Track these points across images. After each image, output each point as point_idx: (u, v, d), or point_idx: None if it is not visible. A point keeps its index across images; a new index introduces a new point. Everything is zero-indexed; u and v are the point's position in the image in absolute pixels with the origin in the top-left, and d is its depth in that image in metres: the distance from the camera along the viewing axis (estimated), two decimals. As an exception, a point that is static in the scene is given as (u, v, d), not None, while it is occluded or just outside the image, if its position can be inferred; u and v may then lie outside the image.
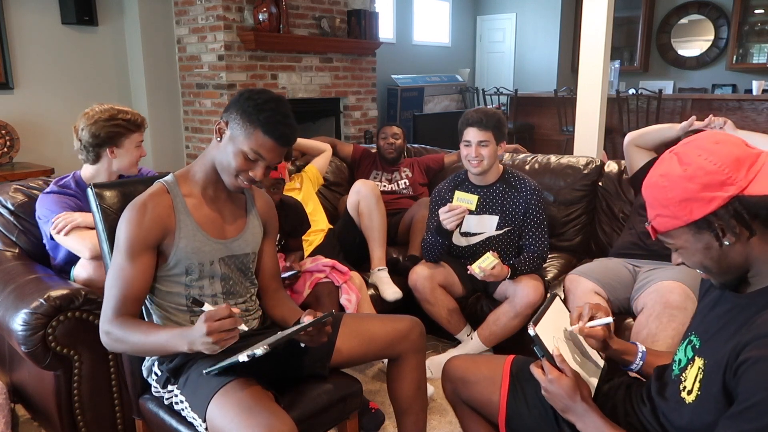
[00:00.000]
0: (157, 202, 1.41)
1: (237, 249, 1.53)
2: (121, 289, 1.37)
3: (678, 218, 1.01)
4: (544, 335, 1.21)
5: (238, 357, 1.23)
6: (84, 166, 2.06)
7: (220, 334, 1.22)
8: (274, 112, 1.36)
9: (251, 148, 1.37)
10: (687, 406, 1.06)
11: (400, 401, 1.69)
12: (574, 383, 1.16)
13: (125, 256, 1.38)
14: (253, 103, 1.37)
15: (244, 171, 1.41)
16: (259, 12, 4.45)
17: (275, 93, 1.43)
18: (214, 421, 1.28)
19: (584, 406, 1.15)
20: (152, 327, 1.38)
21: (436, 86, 7.22)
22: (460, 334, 2.50)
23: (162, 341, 1.32)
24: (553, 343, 1.23)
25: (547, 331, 1.25)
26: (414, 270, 2.45)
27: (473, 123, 2.30)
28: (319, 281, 2.26)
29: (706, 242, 1.00)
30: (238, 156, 1.39)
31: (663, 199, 1.02)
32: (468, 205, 2.20)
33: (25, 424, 2.12)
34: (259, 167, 1.40)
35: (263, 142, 1.37)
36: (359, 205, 2.64)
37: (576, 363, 1.27)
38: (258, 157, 1.39)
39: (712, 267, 1.03)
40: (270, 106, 1.37)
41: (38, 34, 4.05)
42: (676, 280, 2.08)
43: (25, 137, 3.88)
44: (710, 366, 1.02)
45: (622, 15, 7.33)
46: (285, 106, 1.40)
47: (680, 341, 1.18)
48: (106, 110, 1.98)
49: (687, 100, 5.68)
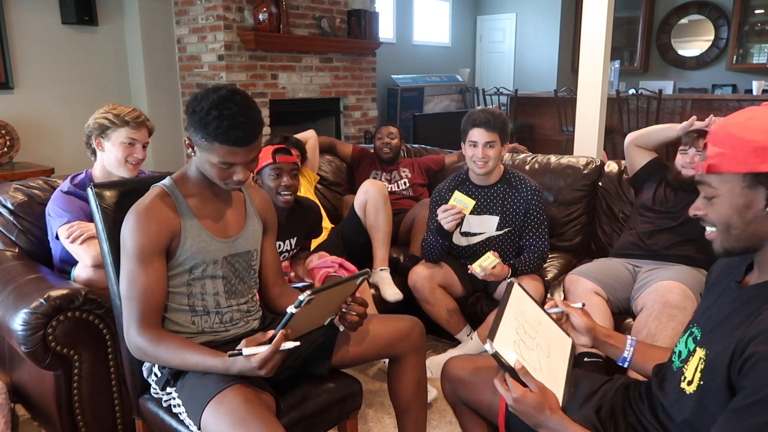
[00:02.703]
0: (160, 206, 1.40)
1: (239, 247, 1.53)
2: (141, 300, 1.36)
3: (743, 164, 0.97)
4: (504, 343, 1.15)
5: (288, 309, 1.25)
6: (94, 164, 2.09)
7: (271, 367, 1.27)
8: (219, 119, 1.28)
9: (219, 161, 1.35)
10: (688, 397, 1.06)
11: (400, 401, 1.69)
12: (540, 398, 1.10)
13: (137, 264, 1.36)
14: (198, 118, 1.30)
15: (226, 178, 1.39)
16: (259, 12, 4.45)
17: (218, 87, 1.34)
18: (207, 428, 1.28)
19: (556, 420, 1.10)
20: (188, 348, 1.36)
21: (436, 86, 7.22)
22: (459, 334, 2.50)
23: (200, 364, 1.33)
24: (514, 347, 1.16)
25: (508, 334, 1.18)
26: (413, 270, 2.45)
27: (480, 123, 2.28)
28: (328, 274, 2.29)
29: (750, 200, 0.98)
30: (214, 167, 1.37)
31: (739, 139, 0.98)
32: (463, 207, 2.20)
33: (25, 424, 2.12)
34: (237, 171, 1.37)
35: (225, 151, 1.32)
36: (366, 204, 2.64)
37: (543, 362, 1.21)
38: (229, 164, 1.36)
39: (736, 227, 1.01)
40: (213, 114, 1.29)
41: (38, 34, 4.05)
42: (676, 280, 2.08)
43: (25, 137, 3.88)
44: (712, 357, 1.01)
45: (622, 15, 7.33)
46: (229, 105, 1.29)
47: (681, 334, 1.18)
48: (108, 106, 2.02)
49: (687, 101, 5.68)
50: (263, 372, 1.26)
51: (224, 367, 1.29)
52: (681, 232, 2.28)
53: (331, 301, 1.41)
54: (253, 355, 1.25)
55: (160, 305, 1.40)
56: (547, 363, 1.21)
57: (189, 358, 1.33)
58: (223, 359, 1.30)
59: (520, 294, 1.31)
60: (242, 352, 1.26)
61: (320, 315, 1.44)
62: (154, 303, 1.38)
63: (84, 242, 1.86)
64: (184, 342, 1.38)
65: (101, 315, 1.75)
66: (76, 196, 1.99)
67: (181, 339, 1.39)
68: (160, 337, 1.36)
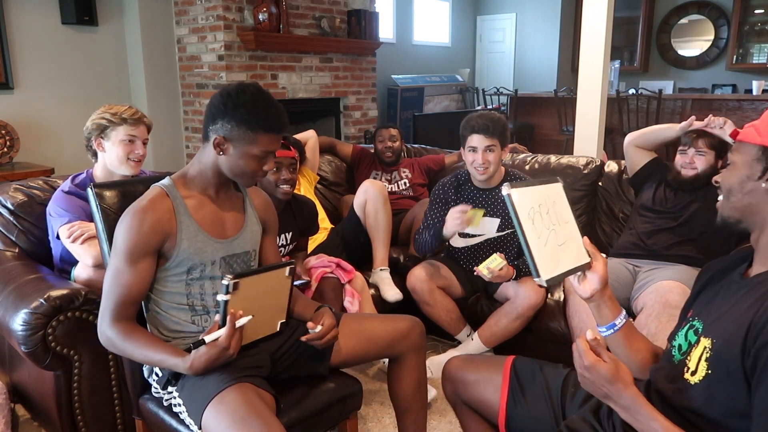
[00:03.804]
0: (157, 207, 1.41)
1: (237, 248, 1.53)
2: (119, 294, 1.38)
3: (763, 136, 1.04)
4: (522, 202, 1.13)
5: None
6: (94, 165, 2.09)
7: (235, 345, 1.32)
8: (265, 108, 1.40)
9: (261, 150, 1.42)
10: (693, 387, 1.05)
11: (400, 401, 1.69)
12: (614, 369, 1.05)
13: (124, 260, 1.39)
14: (244, 111, 1.38)
15: (260, 169, 1.46)
16: (259, 12, 4.45)
17: (243, 84, 1.43)
18: (208, 428, 1.28)
19: (628, 396, 1.05)
20: (153, 345, 1.39)
21: (436, 86, 7.22)
22: (459, 334, 2.50)
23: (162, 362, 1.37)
24: (530, 211, 1.13)
25: (531, 197, 1.16)
26: (412, 272, 2.44)
27: (480, 130, 2.27)
28: (325, 275, 2.28)
29: (753, 171, 1.05)
30: (252, 160, 1.42)
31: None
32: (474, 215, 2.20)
33: (25, 424, 2.12)
34: (269, 161, 1.46)
35: (269, 140, 1.42)
36: (366, 204, 2.64)
37: (551, 242, 1.17)
38: (268, 153, 1.44)
39: (735, 195, 1.08)
40: (260, 104, 1.39)
41: (38, 34, 4.04)
42: (676, 280, 2.09)
43: (25, 137, 3.88)
44: (719, 345, 1.01)
45: (622, 15, 7.33)
46: (264, 96, 1.42)
47: (677, 329, 1.18)
48: (104, 107, 2.02)
49: (687, 100, 5.68)
50: (231, 351, 1.30)
51: (185, 366, 1.32)
52: (681, 232, 2.28)
53: (266, 294, 1.40)
54: (216, 340, 1.29)
55: (136, 301, 1.43)
56: (554, 247, 1.17)
57: (152, 355, 1.37)
58: (184, 358, 1.33)
59: (560, 192, 1.26)
60: (204, 341, 1.30)
61: (264, 313, 1.43)
62: (130, 299, 1.40)
63: (85, 242, 1.86)
64: (152, 339, 1.40)
65: (101, 315, 1.75)
66: (77, 195, 1.99)
67: (149, 336, 1.42)
68: (130, 331, 1.39)
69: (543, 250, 1.14)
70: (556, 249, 1.18)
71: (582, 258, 1.22)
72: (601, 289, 1.21)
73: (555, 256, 1.17)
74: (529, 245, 1.13)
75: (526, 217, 1.14)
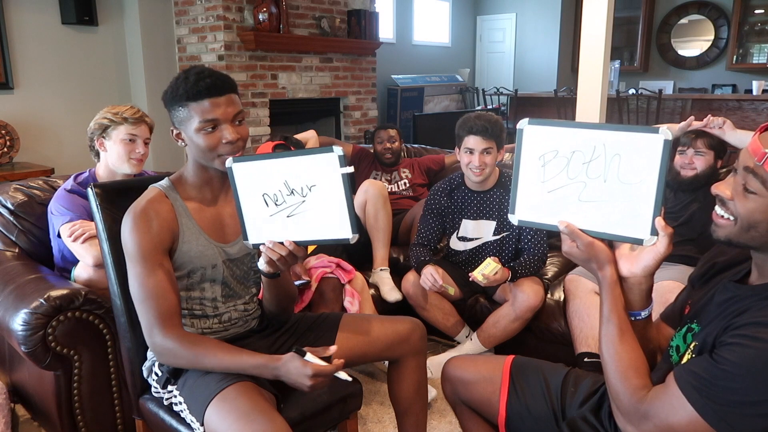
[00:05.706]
0: (159, 207, 1.39)
1: (238, 251, 1.51)
2: (155, 301, 1.32)
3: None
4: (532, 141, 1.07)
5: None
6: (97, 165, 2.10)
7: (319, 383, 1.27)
8: (186, 82, 1.33)
9: (199, 121, 1.32)
10: None
11: (400, 402, 1.69)
12: (587, 254, 1.04)
13: (142, 265, 1.33)
14: (171, 94, 1.35)
15: (217, 144, 1.35)
16: (259, 12, 4.45)
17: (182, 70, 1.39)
18: (211, 425, 1.27)
19: (603, 275, 1.05)
20: (222, 348, 1.34)
21: (436, 86, 7.22)
22: (458, 336, 2.50)
23: (243, 365, 1.31)
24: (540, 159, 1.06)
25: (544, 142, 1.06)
26: (406, 278, 2.43)
27: (477, 131, 2.25)
28: (325, 275, 2.28)
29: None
30: (199, 135, 1.34)
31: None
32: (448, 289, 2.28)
33: (25, 424, 2.12)
34: (225, 130, 1.34)
35: (201, 108, 1.32)
36: (366, 204, 2.64)
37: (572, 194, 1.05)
38: (213, 122, 1.33)
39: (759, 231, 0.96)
40: (181, 82, 1.34)
41: (38, 34, 4.05)
42: (676, 280, 2.08)
43: (25, 137, 3.88)
44: (698, 349, 1.02)
45: (622, 15, 7.34)
46: (193, 70, 1.35)
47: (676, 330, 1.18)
48: (107, 108, 2.04)
49: (687, 100, 5.68)
50: (309, 382, 1.24)
51: (273, 366, 1.28)
52: (681, 232, 2.28)
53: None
54: (311, 364, 1.25)
55: (176, 304, 1.36)
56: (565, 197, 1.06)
57: (227, 359, 1.31)
58: (269, 357, 1.30)
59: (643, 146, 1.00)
60: (306, 352, 1.27)
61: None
62: (170, 302, 1.34)
63: (86, 241, 1.86)
64: (217, 342, 1.36)
65: (101, 315, 1.75)
66: (79, 194, 1.99)
67: (211, 339, 1.37)
68: (189, 337, 1.34)
69: (531, 191, 1.07)
70: (566, 200, 1.05)
71: (632, 230, 1.02)
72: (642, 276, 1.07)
73: (560, 206, 1.06)
74: (517, 184, 1.09)
75: (528, 157, 1.06)
